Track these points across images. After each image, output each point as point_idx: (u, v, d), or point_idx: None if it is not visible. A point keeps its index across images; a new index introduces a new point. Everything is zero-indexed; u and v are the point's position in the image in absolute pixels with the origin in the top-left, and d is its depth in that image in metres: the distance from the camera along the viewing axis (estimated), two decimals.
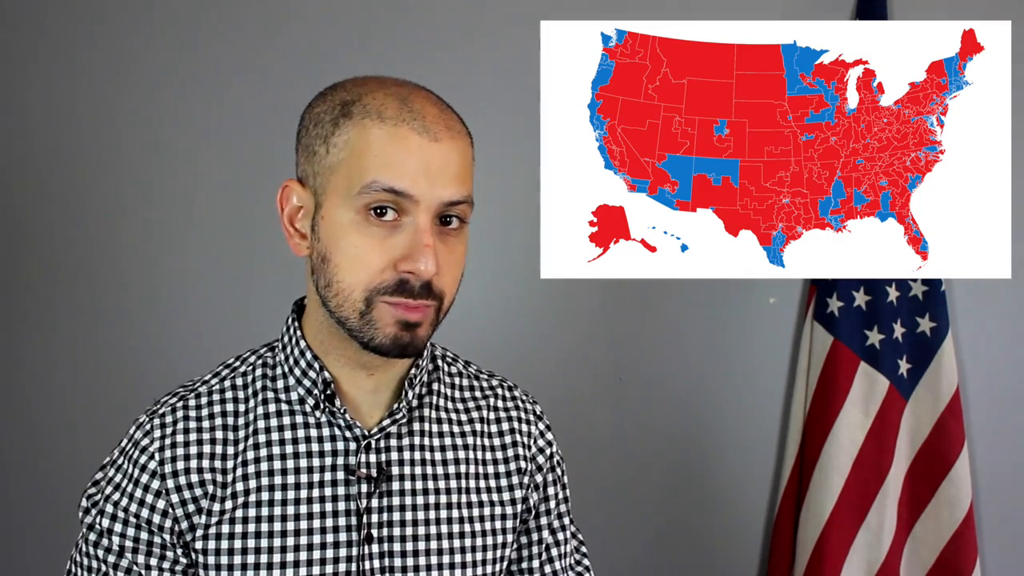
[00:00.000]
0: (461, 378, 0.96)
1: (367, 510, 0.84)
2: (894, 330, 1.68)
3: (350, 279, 0.79)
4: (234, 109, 1.79)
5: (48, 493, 1.82)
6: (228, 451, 0.85)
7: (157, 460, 0.83)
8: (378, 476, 0.85)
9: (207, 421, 0.86)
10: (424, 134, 0.78)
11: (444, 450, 0.90)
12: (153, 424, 0.85)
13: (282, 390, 0.87)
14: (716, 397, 1.79)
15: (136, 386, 1.77)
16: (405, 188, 0.77)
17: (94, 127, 1.82)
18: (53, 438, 1.84)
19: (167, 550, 0.83)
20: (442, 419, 0.91)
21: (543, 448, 0.96)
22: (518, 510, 0.92)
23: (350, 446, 0.86)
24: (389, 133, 0.78)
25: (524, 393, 0.99)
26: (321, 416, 0.86)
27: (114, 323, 1.82)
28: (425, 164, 0.78)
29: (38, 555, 1.84)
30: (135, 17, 1.80)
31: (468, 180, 0.82)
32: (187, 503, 0.83)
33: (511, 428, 0.94)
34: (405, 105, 0.80)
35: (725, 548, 1.80)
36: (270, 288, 1.71)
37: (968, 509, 1.65)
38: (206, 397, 0.88)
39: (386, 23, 1.78)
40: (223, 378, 0.89)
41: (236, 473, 0.84)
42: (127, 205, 1.82)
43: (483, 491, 0.90)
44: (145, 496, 0.83)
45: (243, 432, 0.86)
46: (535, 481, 0.94)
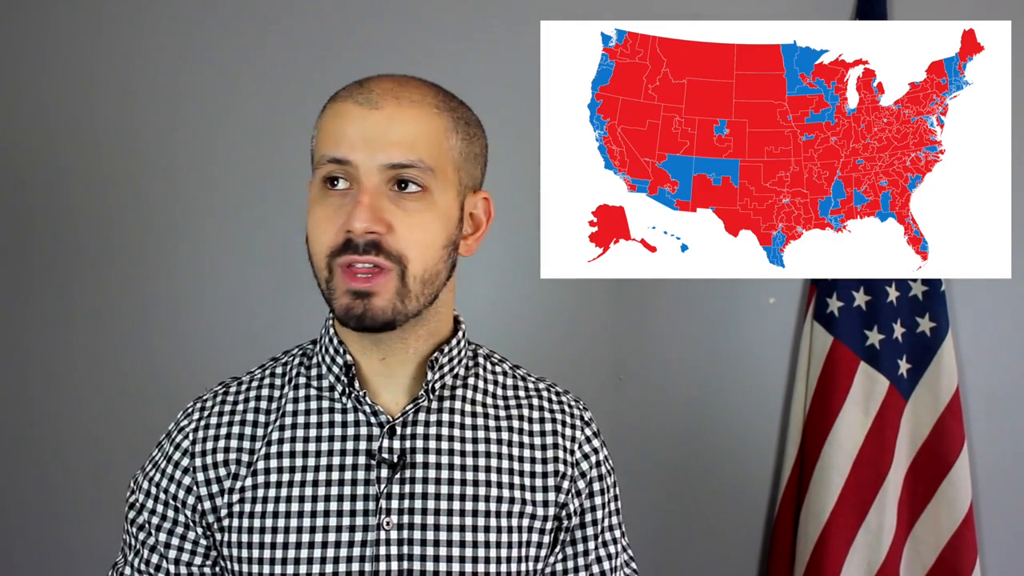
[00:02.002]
0: (505, 377, 0.95)
1: (386, 495, 0.85)
2: (894, 330, 1.68)
3: (315, 248, 0.83)
4: (247, 107, 1.79)
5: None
6: (256, 433, 0.88)
7: (190, 440, 0.88)
8: (399, 461, 0.86)
9: (241, 405, 0.90)
10: (365, 104, 0.82)
11: (476, 442, 0.89)
12: (194, 408, 0.91)
13: (315, 377, 0.90)
14: (716, 397, 1.79)
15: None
16: (343, 155, 0.81)
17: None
18: (69, 438, 1.83)
19: (189, 529, 0.87)
20: (476, 412, 0.91)
21: (588, 455, 0.94)
22: (553, 512, 0.91)
23: (374, 431, 0.87)
24: (336, 109, 0.84)
25: (574, 399, 0.97)
26: (348, 402, 0.88)
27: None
28: (363, 131, 0.81)
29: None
30: (142, 18, 1.80)
31: (422, 146, 0.82)
32: (211, 482, 0.86)
33: (554, 430, 0.93)
34: (358, 84, 0.85)
35: (725, 548, 1.80)
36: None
37: (968, 509, 1.65)
38: (246, 385, 0.92)
39: (386, 23, 1.78)
40: (265, 368, 0.94)
41: (260, 453, 0.87)
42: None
43: (516, 487, 0.89)
44: (175, 472, 0.88)
45: (273, 416, 0.89)
46: (577, 487, 0.92)
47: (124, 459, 1.03)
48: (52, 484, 1.83)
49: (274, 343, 1.02)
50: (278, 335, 1.05)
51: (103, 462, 1.79)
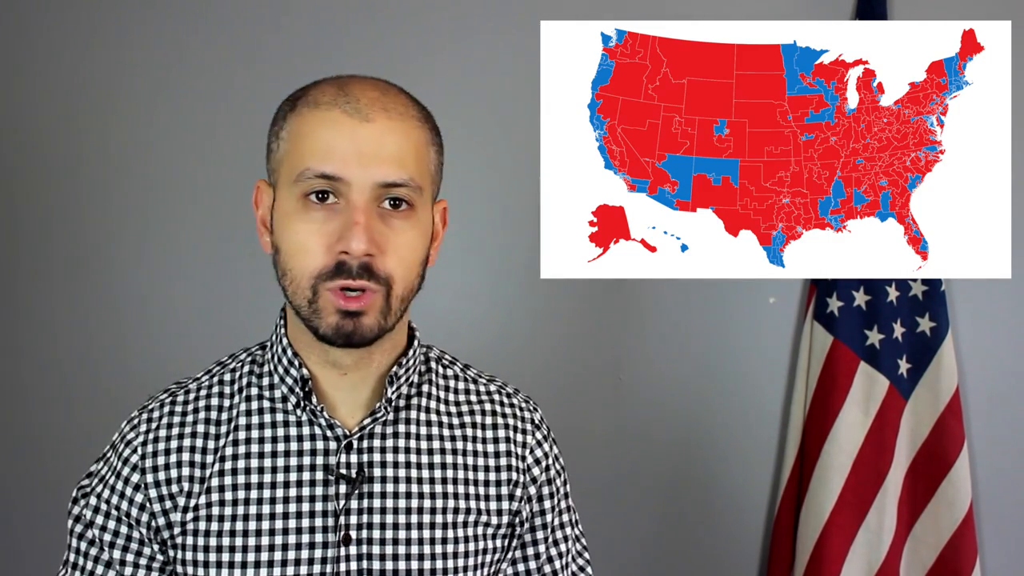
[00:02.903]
0: (457, 381, 0.94)
1: (345, 511, 0.83)
2: (894, 330, 1.68)
3: (297, 266, 0.80)
4: (225, 109, 1.79)
5: (45, 492, 1.82)
6: (208, 446, 0.85)
7: (139, 454, 0.85)
8: (357, 477, 0.84)
9: (191, 416, 0.86)
10: (355, 115, 0.79)
11: (431, 453, 0.88)
12: (141, 419, 0.87)
13: (267, 387, 0.87)
14: (716, 397, 1.79)
15: (126, 386, 1.75)
16: (335, 172, 0.78)
17: (87, 124, 1.81)
18: (42, 439, 1.83)
19: (144, 545, 0.84)
20: (431, 421, 0.89)
21: (539, 459, 0.93)
22: (507, 520, 0.90)
23: (330, 446, 0.85)
24: (321, 118, 0.79)
25: (525, 400, 0.96)
26: (303, 415, 0.86)
27: (105, 323, 1.82)
28: (356, 146, 0.78)
29: (37, 554, 1.84)
30: (132, 18, 1.80)
31: (410, 163, 0.81)
32: (164, 499, 0.84)
33: (506, 436, 0.92)
34: (341, 91, 0.81)
35: (725, 548, 1.80)
36: (265, 288, 1.71)
37: (968, 509, 1.65)
38: (194, 393, 0.88)
39: (386, 23, 1.78)
40: (212, 375, 0.90)
41: (214, 468, 0.84)
42: (119, 204, 1.81)
43: (471, 497, 0.88)
44: (125, 489, 0.84)
45: (224, 428, 0.86)
46: (528, 493, 0.92)
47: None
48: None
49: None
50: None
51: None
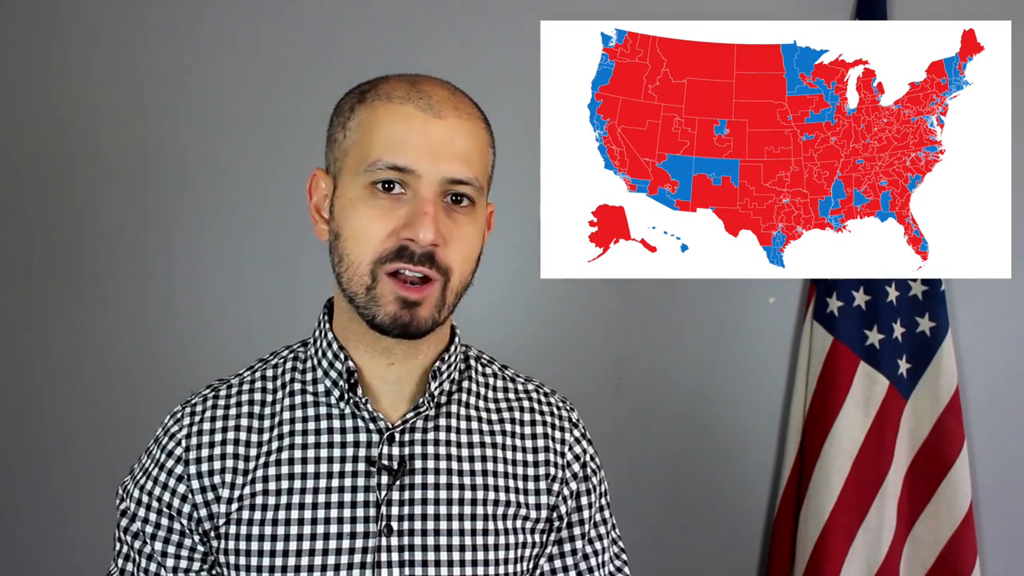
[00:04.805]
0: (496, 379, 0.96)
1: (387, 502, 0.85)
2: (894, 330, 1.68)
3: (357, 251, 0.81)
4: (248, 106, 1.79)
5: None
6: (252, 439, 0.87)
7: (183, 447, 0.87)
8: (399, 469, 0.86)
9: (234, 410, 0.88)
10: (428, 111, 0.81)
11: (472, 447, 0.90)
12: (184, 412, 0.89)
13: (310, 382, 0.89)
14: (716, 397, 1.79)
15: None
16: (408, 164, 0.80)
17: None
18: (69, 439, 1.83)
19: (186, 537, 0.86)
20: (471, 416, 0.91)
21: (578, 455, 0.95)
22: (546, 515, 0.92)
23: (373, 438, 0.86)
24: (394, 111, 0.82)
25: (562, 400, 0.98)
26: (346, 408, 0.87)
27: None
28: (428, 140, 0.80)
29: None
30: (145, 15, 1.81)
31: (476, 163, 0.83)
32: (207, 490, 0.85)
33: (544, 433, 0.94)
34: (413, 87, 0.84)
35: (725, 548, 1.80)
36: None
37: (968, 509, 1.65)
38: (236, 388, 0.90)
39: (386, 23, 1.78)
40: (255, 370, 0.92)
41: (259, 462, 0.86)
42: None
43: (511, 491, 0.90)
44: (168, 480, 0.86)
45: (269, 422, 0.88)
46: (566, 490, 0.93)
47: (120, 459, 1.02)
48: (41, 484, 1.83)
49: (272, 342, 1.01)
50: (277, 333, 1.04)
51: (99, 461, 1.79)
